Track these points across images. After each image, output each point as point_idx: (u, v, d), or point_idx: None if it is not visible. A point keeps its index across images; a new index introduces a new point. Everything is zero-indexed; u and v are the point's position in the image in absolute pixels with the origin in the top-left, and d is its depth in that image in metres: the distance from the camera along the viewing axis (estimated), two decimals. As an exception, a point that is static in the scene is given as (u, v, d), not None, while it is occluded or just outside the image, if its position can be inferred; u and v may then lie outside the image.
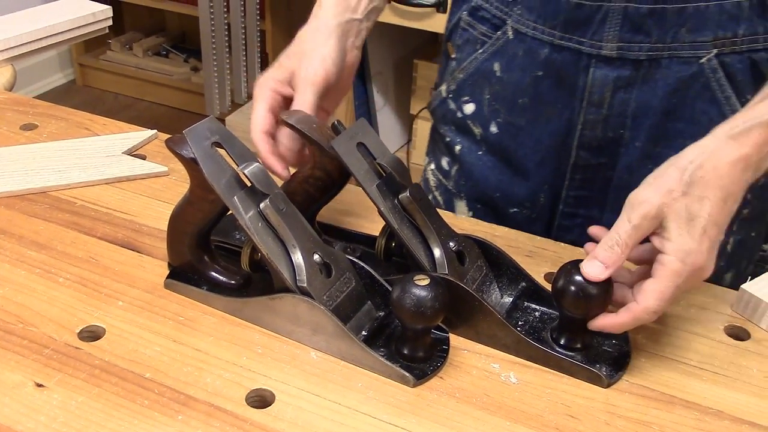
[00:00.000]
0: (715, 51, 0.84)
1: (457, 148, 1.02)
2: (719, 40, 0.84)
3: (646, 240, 0.70)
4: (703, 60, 0.85)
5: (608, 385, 0.72)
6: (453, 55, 1.01)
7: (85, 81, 3.73)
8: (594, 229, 0.77)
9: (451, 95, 1.01)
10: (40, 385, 0.69)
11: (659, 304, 0.68)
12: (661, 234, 0.69)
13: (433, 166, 1.09)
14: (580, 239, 0.96)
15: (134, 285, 0.81)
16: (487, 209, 1.02)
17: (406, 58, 2.76)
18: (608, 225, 0.95)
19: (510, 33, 0.91)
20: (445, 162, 1.05)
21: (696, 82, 0.86)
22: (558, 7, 0.87)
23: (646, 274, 0.72)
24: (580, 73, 0.89)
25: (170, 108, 3.55)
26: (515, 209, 1.00)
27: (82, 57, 3.67)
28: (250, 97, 3.19)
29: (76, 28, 1.48)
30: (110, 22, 1.56)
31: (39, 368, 0.70)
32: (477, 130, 0.99)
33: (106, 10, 1.54)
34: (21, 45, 1.39)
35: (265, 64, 3.27)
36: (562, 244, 0.91)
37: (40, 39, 1.42)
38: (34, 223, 0.90)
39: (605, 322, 0.71)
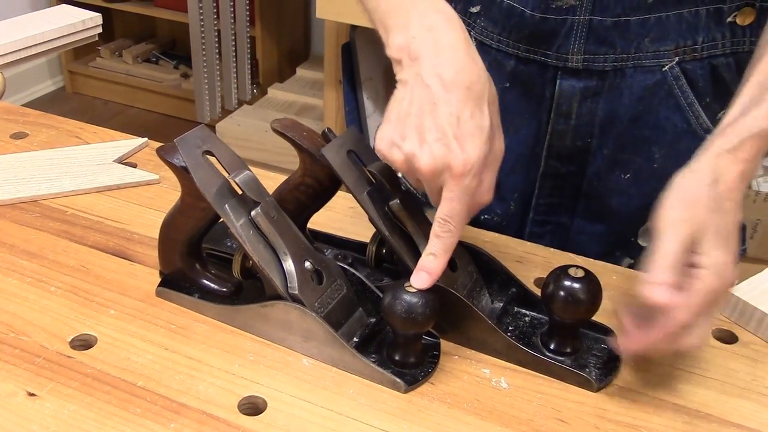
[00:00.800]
0: (676, 59, 0.86)
1: None
2: (680, 48, 0.86)
3: None
4: (665, 68, 0.86)
5: (598, 389, 0.72)
6: None
7: (75, 88, 3.73)
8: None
9: None
10: (32, 395, 0.69)
11: (692, 317, 0.65)
12: (695, 250, 0.67)
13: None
14: (551, 245, 0.97)
15: (126, 293, 0.82)
16: None
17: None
18: (578, 230, 0.97)
19: (474, 45, 0.92)
20: None
21: (660, 90, 0.88)
22: (522, 21, 0.88)
23: None
24: (547, 84, 0.90)
25: (161, 115, 3.55)
26: (486, 216, 1.01)
27: (71, 64, 3.67)
28: (240, 103, 3.20)
29: (65, 35, 1.48)
30: (100, 30, 1.56)
31: (31, 377, 0.70)
32: None
33: (96, 18, 1.53)
34: (10, 53, 1.39)
35: (255, 71, 3.28)
36: (552, 249, 0.92)
37: (29, 47, 1.42)
38: (25, 231, 0.90)
39: (632, 345, 0.69)
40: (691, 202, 0.68)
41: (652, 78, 0.87)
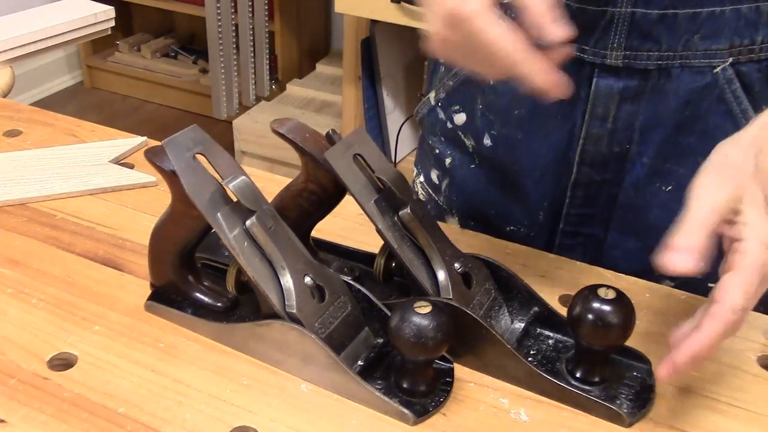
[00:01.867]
0: (730, 60, 0.77)
1: (448, 161, 0.95)
2: (735, 48, 0.76)
3: None
4: (717, 69, 0.77)
5: (630, 424, 0.65)
6: (442, 60, 0.94)
7: (93, 83, 3.69)
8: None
9: (440, 104, 0.94)
10: (2, 421, 0.62)
11: (746, 298, 0.58)
12: (734, 220, 0.60)
13: (422, 179, 1.02)
14: (582, 259, 0.89)
15: (113, 307, 0.75)
16: (480, 227, 0.95)
17: (417, 60, 2.69)
18: (612, 244, 0.89)
19: None
20: (434, 175, 0.99)
21: (710, 94, 0.78)
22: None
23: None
24: (583, 83, 0.81)
25: (179, 110, 3.51)
26: (512, 227, 0.93)
27: (89, 58, 3.63)
28: (258, 99, 3.14)
29: (77, 29, 1.43)
30: (113, 23, 1.51)
31: (3, 401, 0.64)
32: (469, 142, 0.92)
33: (108, 11, 1.49)
34: (20, 46, 1.34)
35: (274, 66, 3.22)
36: (578, 263, 0.84)
37: (40, 40, 1.37)
38: (10, 237, 0.84)
39: (689, 350, 0.59)
40: (729, 167, 0.61)
41: (702, 80, 0.78)
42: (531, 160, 0.88)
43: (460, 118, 0.91)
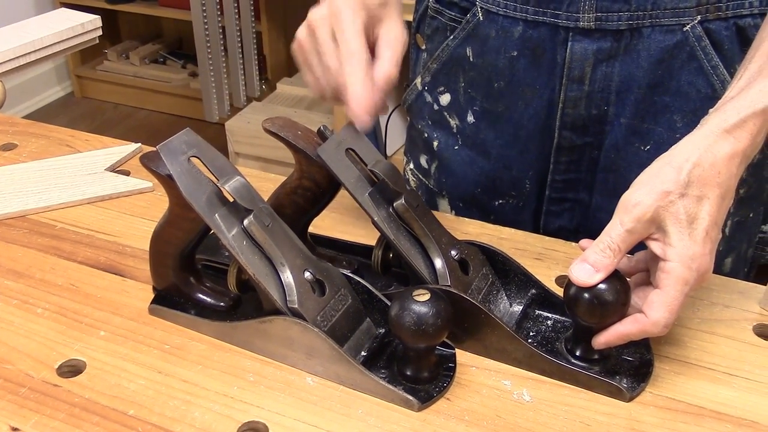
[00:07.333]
0: (698, 17, 0.79)
1: (435, 143, 0.97)
2: (703, 5, 0.79)
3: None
4: (686, 27, 0.79)
5: (630, 399, 0.66)
6: (423, 47, 0.96)
7: (84, 93, 3.69)
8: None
9: (426, 87, 0.96)
10: (15, 429, 0.64)
11: (669, 316, 0.63)
12: (661, 240, 0.64)
13: (412, 166, 1.04)
14: (570, 224, 0.92)
15: (117, 312, 0.76)
16: (470, 206, 0.97)
17: (407, 52, 2.69)
18: (598, 207, 0.92)
19: (480, 14, 0.86)
20: (423, 160, 1.01)
21: (681, 52, 0.81)
22: None
23: (644, 280, 0.68)
24: (558, 48, 0.83)
25: (170, 115, 3.51)
26: (501, 200, 0.95)
27: (79, 68, 3.63)
28: (248, 100, 3.14)
29: (65, 40, 1.43)
30: (100, 32, 1.51)
31: (14, 410, 0.65)
32: (453, 122, 0.94)
33: (95, 20, 1.48)
34: (8, 61, 1.34)
35: (263, 66, 3.22)
36: (573, 244, 0.85)
37: (28, 53, 1.37)
38: (11, 249, 0.85)
39: (609, 337, 0.66)
40: (657, 184, 0.63)
41: (672, 38, 0.80)
42: (514, 132, 0.90)
43: (446, 99, 0.93)
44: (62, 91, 3.72)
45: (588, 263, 0.64)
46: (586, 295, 0.64)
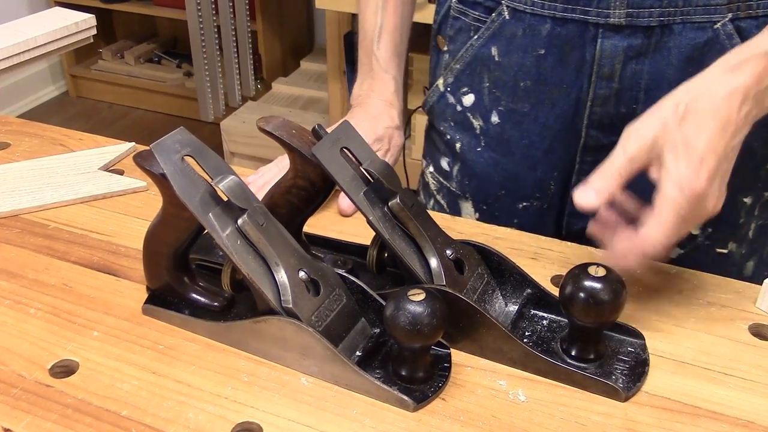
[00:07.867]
0: (729, 15, 0.79)
1: (458, 145, 0.96)
2: (734, 3, 0.79)
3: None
4: (717, 25, 0.79)
5: (626, 399, 0.66)
6: (444, 48, 0.95)
7: (78, 92, 3.68)
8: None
9: (449, 89, 0.95)
10: (7, 430, 0.63)
11: (660, 234, 0.66)
12: (657, 166, 0.67)
13: (431, 169, 1.03)
14: None
15: (110, 312, 0.76)
16: (493, 208, 0.96)
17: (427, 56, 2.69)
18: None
19: (506, 13, 0.85)
20: (444, 162, 1.00)
21: (711, 50, 0.80)
22: None
23: None
24: (587, 45, 0.83)
25: (165, 115, 3.50)
26: (525, 203, 0.94)
27: (73, 68, 3.62)
28: (244, 99, 3.14)
29: (58, 39, 1.42)
30: (94, 32, 1.50)
31: (7, 411, 0.65)
32: (477, 123, 0.93)
33: (90, 19, 1.48)
34: (2, 60, 1.33)
35: (258, 66, 3.21)
36: (569, 243, 0.85)
37: (22, 53, 1.36)
38: (4, 249, 0.85)
39: (608, 259, 0.68)
40: (657, 115, 0.67)
41: (703, 36, 0.80)
42: (539, 132, 0.89)
43: (469, 99, 0.93)
44: (57, 90, 3.71)
45: (591, 188, 0.68)
46: (582, 294, 0.64)
